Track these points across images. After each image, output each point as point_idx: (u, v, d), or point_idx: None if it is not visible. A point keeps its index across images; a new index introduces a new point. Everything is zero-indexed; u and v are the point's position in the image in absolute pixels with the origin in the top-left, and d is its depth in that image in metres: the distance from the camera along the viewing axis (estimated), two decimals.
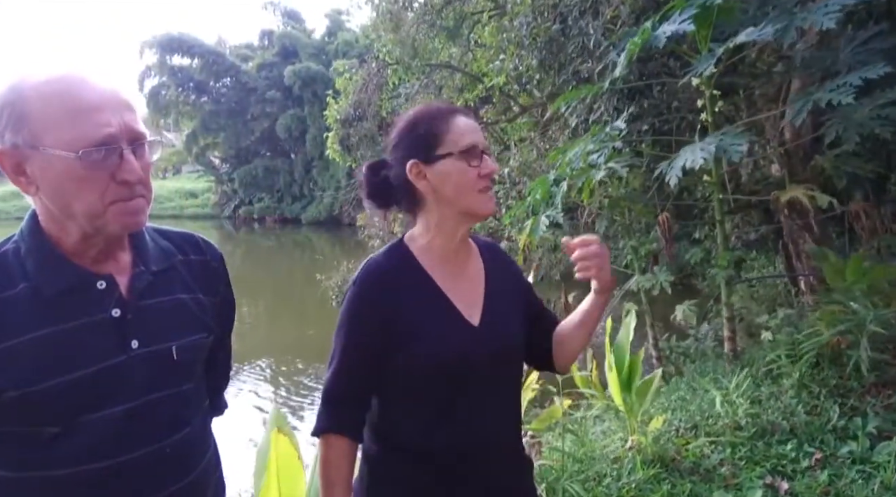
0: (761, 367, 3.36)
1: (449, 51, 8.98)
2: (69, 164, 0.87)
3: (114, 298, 0.95)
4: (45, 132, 0.86)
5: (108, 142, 0.88)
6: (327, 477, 1.17)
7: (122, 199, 0.91)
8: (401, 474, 1.20)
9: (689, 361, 4.97)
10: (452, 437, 1.17)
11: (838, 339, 3.18)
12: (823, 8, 2.32)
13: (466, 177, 1.17)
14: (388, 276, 1.19)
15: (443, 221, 1.21)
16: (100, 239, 0.95)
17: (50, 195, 0.89)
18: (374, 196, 1.27)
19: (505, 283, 1.30)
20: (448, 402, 1.18)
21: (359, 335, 1.18)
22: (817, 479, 2.40)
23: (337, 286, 8.15)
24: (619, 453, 2.72)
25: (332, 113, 9.56)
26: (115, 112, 0.89)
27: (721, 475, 2.51)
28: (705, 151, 2.42)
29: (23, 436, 0.89)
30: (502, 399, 1.25)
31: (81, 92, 0.88)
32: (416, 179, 1.19)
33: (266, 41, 31.00)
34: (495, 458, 1.21)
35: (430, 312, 1.19)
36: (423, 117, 1.21)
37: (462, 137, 1.18)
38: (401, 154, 1.21)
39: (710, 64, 2.41)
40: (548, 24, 4.72)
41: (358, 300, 1.18)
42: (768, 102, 4.62)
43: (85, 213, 0.90)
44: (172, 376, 0.99)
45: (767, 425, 2.83)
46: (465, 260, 1.27)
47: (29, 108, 0.86)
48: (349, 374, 1.18)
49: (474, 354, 1.18)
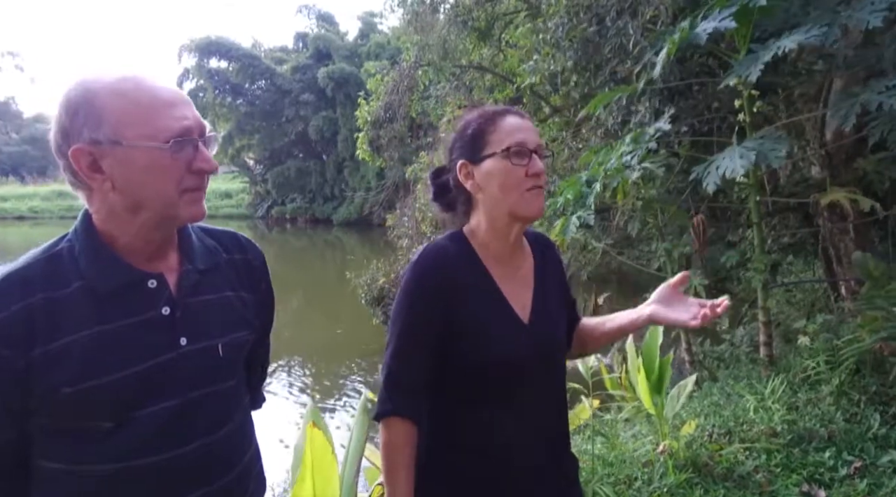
0: (798, 373, 3.29)
1: (480, 51, 8.98)
2: (155, 155, 0.90)
3: (164, 296, 0.98)
4: (126, 127, 0.90)
5: (186, 134, 0.92)
6: (390, 460, 1.18)
7: (194, 188, 0.95)
8: (455, 470, 1.21)
9: (723, 366, 4.88)
10: (506, 434, 1.19)
11: (881, 345, 3.08)
12: (870, 6, 2.25)
13: (511, 176, 1.17)
14: (448, 260, 1.20)
15: (493, 222, 1.22)
16: (158, 235, 0.98)
17: (127, 188, 0.92)
18: (437, 198, 1.31)
19: (552, 279, 1.31)
20: (501, 398, 1.19)
21: (417, 318, 1.19)
22: (856, 487, 2.33)
23: (366, 284, 8.23)
24: (650, 457, 2.69)
25: (363, 114, 9.65)
26: (186, 106, 0.94)
27: (756, 482, 2.46)
28: (745, 159, 2.37)
29: (77, 431, 0.92)
30: (552, 396, 1.27)
31: (154, 88, 0.92)
32: (465, 180, 1.22)
33: (300, 44, 31.44)
34: (547, 454, 1.23)
35: (485, 306, 1.20)
36: (474, 119, 1.24)
37: (508, 136, 1.18)
38: (455, 156, 1.24)
39: (758, 68, 2.33)
40: (584, 24, 4.69)
41: (416, 282, 1.19)
42: (808, 102, 4.50)
43: (161, 202, 0.93)
44: (218, 373, 1.02)
45: (804, 432, 2.76)
46: (518, 261, 1.28)
47: (106, 106, 0.90)
48: (408, 357, 1.19)
49: (525, 351, 1.19)
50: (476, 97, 9.07)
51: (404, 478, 1.17)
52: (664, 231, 4.52)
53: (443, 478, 1.22)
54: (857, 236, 4.38)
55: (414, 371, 1.19)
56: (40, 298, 0.90)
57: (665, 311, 1.20)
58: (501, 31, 8.52)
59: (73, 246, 0.95)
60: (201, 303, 1.01)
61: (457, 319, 1.17)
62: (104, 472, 0.92)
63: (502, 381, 1.19)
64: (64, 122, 0.91)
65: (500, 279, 1.23)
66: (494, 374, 1.18)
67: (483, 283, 1.22)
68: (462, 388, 1.20)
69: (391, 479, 1.18)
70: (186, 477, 0.97)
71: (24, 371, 0.88)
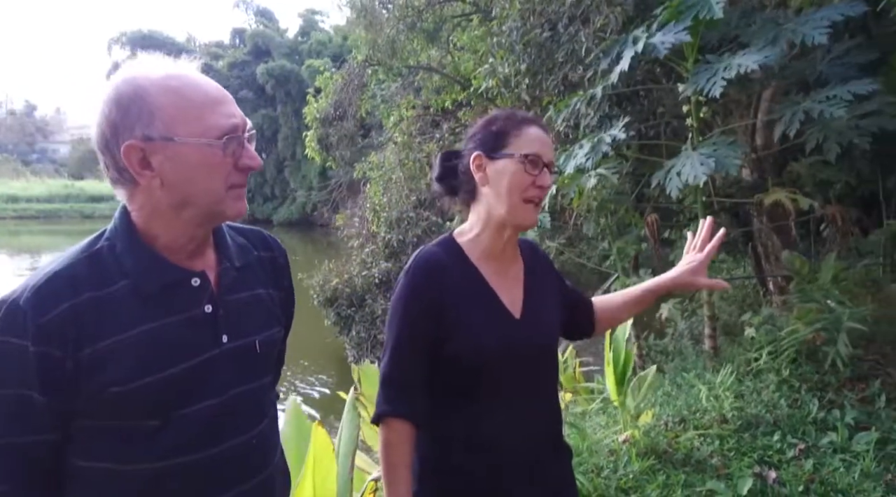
0: (742, 364, 3.51)
1: (428, 53, 9.05)
2: (206, 151, 0.91)
3: (206, 294, 0.98)
4: (179, 124, 0.90)
5: (234, 131, 0.93)
6: (389, 459, 1.22)
7: (239, 184, 0.96)
8: (450, 463, 1.25)
9: (669, 359, 5.12)
10: (499, 427, 1.24)
11: (816, 335, 3.34)
12: (813, 22, 2.45)
13: (520, 180, 1.24)
14: (439, 267, 1.25)
15: (490, 217, 1.28)
16: (202, 232, 0.98)
17: (176, 184, 0.92)
18: (441, 179, 1.35)
19: (543, 279, 1.38)
20: (494, 392, 1.24)
21: (412, 322, 1.23)
22: (802, 467, 2.53)
23: (318, 285, 8.15)
24: (615, 446, 2.82)
25: (312, 111, 9.54)
26: (232, 104, 0.95)
27: (712, 466, 2.63)
28: (705, 166, 2.52)
29: (124, 430, 0.92)
30: (544, 388, 1.33)
31: (204, 86, 0.93)
32: (476, 170, 1.27)
33: (237, 40, 30.65)
34: (541, 446, 1.29)
35: (476, 304, 1.25)
36: (501, 117, 1.29)
37: (529, 144, 1.25)
38: (472, 145, 1.29)
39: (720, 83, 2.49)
40: (537, 30, 4.82)
41: (410, 289, 1.24)
42: (740, 108, 4.81)
43: (209, 198, 0.94)
44: (255, 369, 1.04)
45: (752, 418, 2.96)
46: (509, 261, 1.34)
47: (158, 102, 0.90)
48: (404, 360, 1.24)
49: (516, 345, 1.25)
50: (424, 98, 9.13)
51: (403, 476, 1.21)
52: (614, 231, 4.71)
53: (438, 472, 1.26)
54: (781, 236, 4.74)
55: (410, 373, 1.24)
56: (87, 298, 0.89)
57: (691, 276, 1.42)
58: (450, 33, 8.61)
59: (113, 245, 0.95)
60: (239, 300, 1.03)
61: (450, 320, 1.22)
62: (148, 471, 0.92)
63: (495, 375, 1.24)
64: (114, 118, 0.90)
65: (491, 278, 1.29)
66: (487, 369, 1.23)
67: (474, 283, 1.27)
68: (456, 383, 1.25)
69: (390, 477, 1.21)
70: (229, 473, 0.98)
71: (72, 372, 0.87)
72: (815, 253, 4.68)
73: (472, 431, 1.24)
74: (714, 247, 1.43)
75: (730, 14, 3.26)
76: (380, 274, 7.78)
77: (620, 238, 4.63)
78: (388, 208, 7.78)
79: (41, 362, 0.86)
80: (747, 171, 4.82)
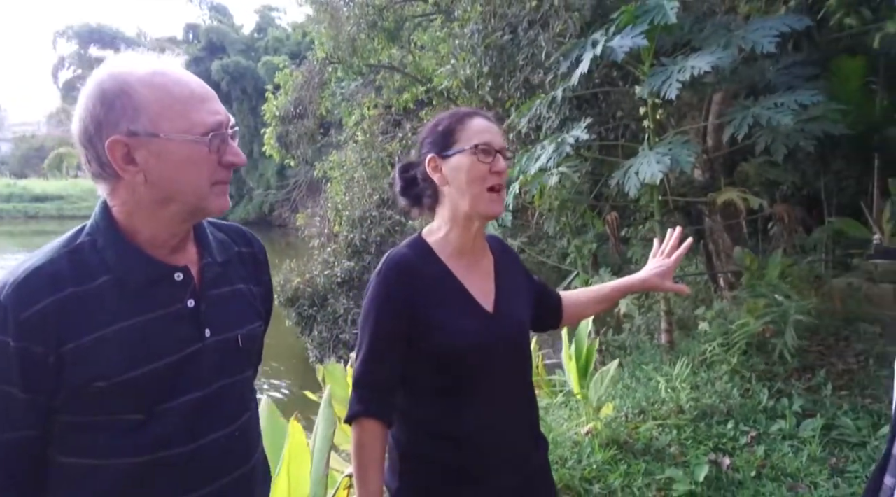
0: (696, 357, 3.66)
1: (389, 51, 9.03)
2: (191, 148, 0.92)
3: (189, 289, 0.99)
4: (164, 120, 0.90)
5: (219, 128, 0.94)
6: (361, 458, 1.24)
7: (223, 180, 0.98)
8: (430, 457, 1.28)
9: (627, 354, 5.28)
10: (477, 420, 1.27)
11: (764, 328, 3.51)
12: (762, 30, 2.58)
13: (477, 171, 1.27)
14: (410, 268, 1.28)
15: (456, 215, 1.31)
16: (184, 228, 0.99)
17: (160, 180, 0.93)
18: (405, 192, 1.38)
19: (512, 274, 1.42)
20: (470, 386, 1.28)
21: (384, 324, 1.26)
22: (755, 453, 2.67)
23: (279, 285, 8.05)
24: (578, 438, 2.91)
25: (271, 108, 9.39)
26: (216, 101, 0.96)
27: (671, 454, 2.74)
28: (661, 164, 2.63)
29: (108, 424, 0.92)
30: (519, 380, 1.37)
31: (189, 83, 0.94)
32: (433, 172, 1.30)
33: (191, 35, 29.90)
34: (520, 437, 1.33)
35: (449, 301, 1.28)
36: (445, 117, 1.33)
37: (477, 135, 1.28)
38: (424, 150, 1.32)
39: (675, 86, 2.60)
40: (498, 33, 4.89)
41: (382, 291, 1.27)
42: (693, 110, 5.01)
43: (193, 194, 0.95)
44: (238, 363, 1.05)
45: (707, 408, 3.10)
46: (479, 254, 1.38)
47: (143, 99, 0.90)
48: (377, 361, 1.26)
49: (490, 339, 1.28)
50: (385, 97, 9.12)
51: (375, 474, 1.24)
52: (573, 229, 4.83)
53: (418, 466, 1.29)
54: (731, 233, 4.95)
55: (383, 374, 1.27)
56: (69, 293, 0.89)
57: (659, 279, 1.52)
58: (411, 32, 8.62)
59: (94, 240, 0.94)
60: (221, 295, 1.04)
61: (423, 319, 1.25)
62: (132, 465, 0.92)
63: (471, 369, 1.28)
64: (98, 113, 0.90)
65: (462, 274, 1.32)
66: (463, 363, 1.27)
67: (445, 280, 1.30)
68: (435, 380, 1.28)
69: (362, 475, 1.24)
70: (213, 465, 0.99)
71: (55, 367, 0.87)
72: (763, 250, 4.91)
73: (453, 426, 1.27)
74: (681, 254, 1.54)
75: (683, 19, 3.39)
76: (342, 273, 7.74)
77: (579, 237, 4.75)
78: (350, 207, 7.74)
79: (23, 358, 0.86)
80: (699, 172, 5.02)
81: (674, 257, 1.54)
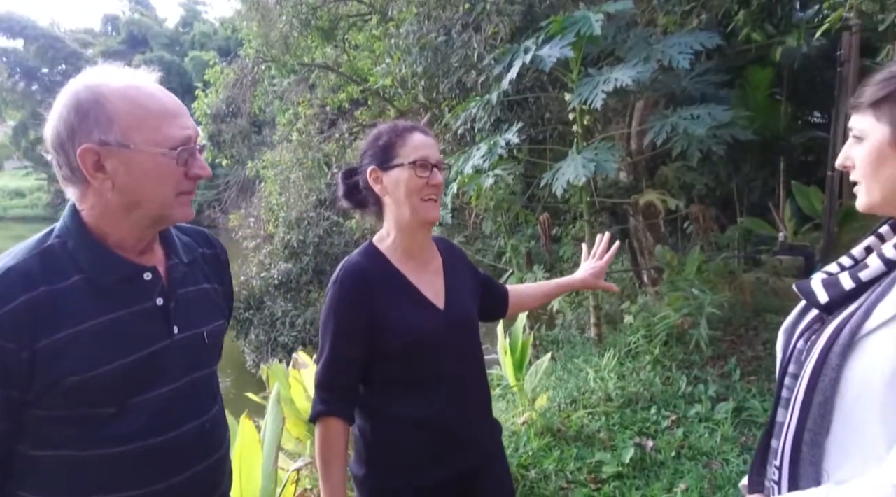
0: (622, 348, 3.89)
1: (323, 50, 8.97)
2: (160, 160, 0.96)
3: (157, 288, 1.04)
4: (136, 132, 0.95)
5: (188, 142, 0.99)
6: (325, 454, 1.32)
7: (188, 191, 1.02)
8: (395, 445, 1.38)
9: (559, 347, 5.52)
10: (436, 406, 1.37)
11: (683, 320, 3.78)
12: (678, 46, 2.80)
13: (415, 184, 1.36)
14: (364, 274, 1.37)
15: (400, 222, 1.41)
16: (150, 232, 1.04)
17: (127, 188, 0.97)
18: (347, 196, 1.46)
19: (460, 271, 1.53)
20: (429, 376, 1.38)
21: (343, 328, 1.34)
22: (675, 436, 2.88)
23: None
24: (515, 428, 3.05)
25: (202, 106, 9.13)
26: (187, 116, 1.01)
27: (600, 439, 2.92)
28: (587, 168, 2.81)
29: (82, 417, 0.96)
30: (472, 369, 1.48)
31: (162, 98, 0.98)
32: (374, 183, 1.39)
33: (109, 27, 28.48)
34: (477, 421, 1.45)
35: (403, 301, 1.38)
36: (385, 131, 1.41)
37: (415, 151, 1.37)
38: (366, 161, 1.41)
39: (601, 96, 2.77)
40: (432, 34, 4.99)
41: (340, 298, 1.35)
42: (617, 116, 5.29)
43: (158, 203, 0.99)
44: (205, 358, 1.11)
45: (632, 395, 3.31)
46: (427, 256, 1.47)
47: (116, 110, 0.94)
48: (338, 364, 1.35)
49: (443, 331, 1.39)
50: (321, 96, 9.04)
51: (338, 469, 1.33)
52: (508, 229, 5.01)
53: (384, 453, 1.39)
54: (653, 232, 5.27)
55: (343, 376, 1.36)
56: (42, 291, 0.92)
57: (594, 279, 1.74)
58: (345, 32, 8.59)
59: (64, 242, 0.98)
60: (187, 294, 1.09)
61: (380, 321, 1.34)
62: (104, 457, 0.96)
63: (428, 360, 1.38)
64: (72, 121, 0.94)
65: (413, 276, 1.42)
66: (420, 356, 1.37)
67: (398, 283, 1.40)
68: (394, 372, 1.38)
69: (326, 471, 1.33)
70: (185, 456, 1.04)
71: (28, 363, 0.90)
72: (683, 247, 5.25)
73: (418, 413, 1.37)
74: (611, 256, 1.76)
75: (607, 29, 3.60)
76: (279, 275, 7.61)
77: (514, 236, 4.93)
78: (286, 208, 7.63)
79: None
80: (624, 174, 5.31)
81: (605, 259, 1.75)
